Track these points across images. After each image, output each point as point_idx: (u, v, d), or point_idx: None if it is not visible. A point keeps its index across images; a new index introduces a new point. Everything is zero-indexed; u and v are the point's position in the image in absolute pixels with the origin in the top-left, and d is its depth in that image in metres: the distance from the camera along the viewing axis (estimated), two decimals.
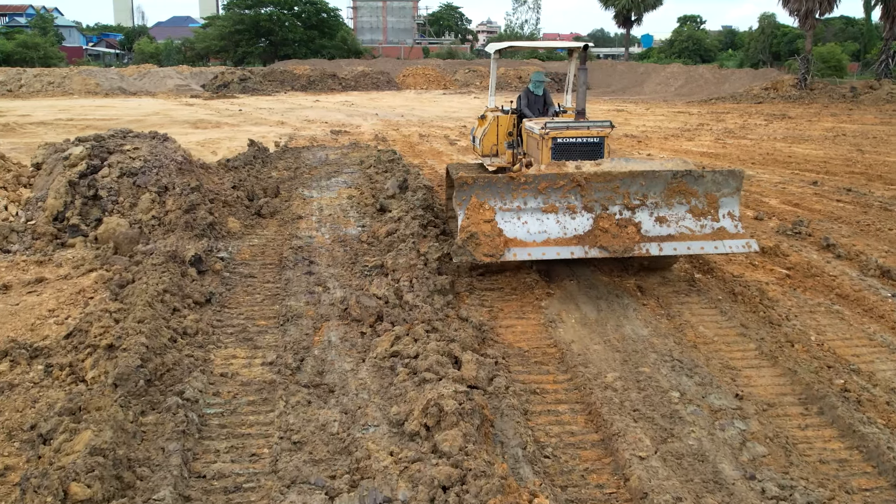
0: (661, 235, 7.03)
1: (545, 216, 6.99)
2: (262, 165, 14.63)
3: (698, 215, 7.14)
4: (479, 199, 6.90)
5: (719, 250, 7.09)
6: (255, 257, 8.33)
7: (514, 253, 6.82)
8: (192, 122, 25.02)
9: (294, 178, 13.21)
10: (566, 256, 6.95)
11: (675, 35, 75.53)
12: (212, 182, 10.18)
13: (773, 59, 67.01)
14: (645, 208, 7.07)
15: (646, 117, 28.09)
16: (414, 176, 12.30)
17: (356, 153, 17.07)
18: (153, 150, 9.74)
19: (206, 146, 18.92)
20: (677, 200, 7.12)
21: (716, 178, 7.14)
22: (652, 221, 7.06)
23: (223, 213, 9.34)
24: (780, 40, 68.93)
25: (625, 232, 6.92)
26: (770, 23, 70.96)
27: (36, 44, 63.18)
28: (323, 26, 72.12)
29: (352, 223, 9.72)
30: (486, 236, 6.81)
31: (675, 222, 7.10)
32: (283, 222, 9.74)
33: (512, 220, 6.95)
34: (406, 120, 27.23)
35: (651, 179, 7.02)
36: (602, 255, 6.92)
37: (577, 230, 6.97)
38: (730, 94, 37.43)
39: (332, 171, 14.17)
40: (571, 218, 7.00)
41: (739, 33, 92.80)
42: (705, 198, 7.17)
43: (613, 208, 7.02)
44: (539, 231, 6.95)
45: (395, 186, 10.36)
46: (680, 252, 7.16)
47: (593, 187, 6.98)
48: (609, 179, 6.97)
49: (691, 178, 7.09)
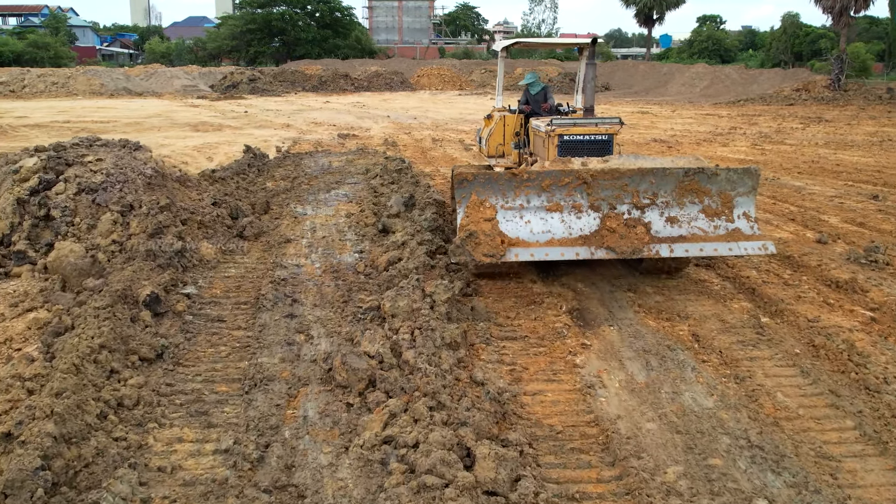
0: (671, 236, 6.72)
1: (549, 215, 6.68)
2: (257, 175, 13.26)
3: (712, 215, 6.84)
4: (479, 197, 6.58)
5: (734, 252, 6.77)
6: (228, 293, 6.93)
7: (515, 253, 6.51)
8: (193, 125, 23.73)
9: (290, 190, 11.83)
10: (571, 257, 6.62)
11: (694, 35, 73.91)
12: (188, 198, 8.80)
13: (796, 60, 65.24)
14: (655, 207, 6.77)
15: (673, 120, 26.52)
16: (423, 189, 10.89)
17: (362, 160, 15.68)
18: (119, 161, 8.38)
19: (203, 151, 17.60)
20: (689, 200, 6.82)
21: (730, 177, 6.80)
22: (662, 221, 6.76)
23: (197, 236, 7.95)
24: (802, 40, 67.26)
25: (633, 232, 6.63)
26: (793, 22, 69.26)
27: (46, 43, 62.48)
28: (337, 25, 70.93)
29: (348, 248, 8.31)
30: (486, 235, 6.47)
31: (687, 223, 6.80)
32: (269, 246, 8.35)
33: (514, 219, 6.64)
34: (419, 122, 25.81)
35: (661, 177, 6.70)
36: (609, 256, 6.60)
37: (582, 230, 6.68)
38: (758, 95, 35.69)
39: (334, 181, 12.78)
40: (577, 217, 6.70)
41: (760, 33, 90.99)
42: (719, 197, 6.85)
43: (621, 207, 6.73)
44: (543, 231, 6.65)
45: (400, 203, 8.94)
46: (692, 254, 6.79)
47: (600, 185, 6.67)
48: (617, 177, 6.65)
49: (704, 177, 6.77)
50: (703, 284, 7.59)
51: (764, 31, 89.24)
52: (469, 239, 6.47)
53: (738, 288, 7.55)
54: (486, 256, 6.46)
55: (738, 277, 7.83)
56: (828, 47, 62.88)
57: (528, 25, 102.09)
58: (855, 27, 74.18)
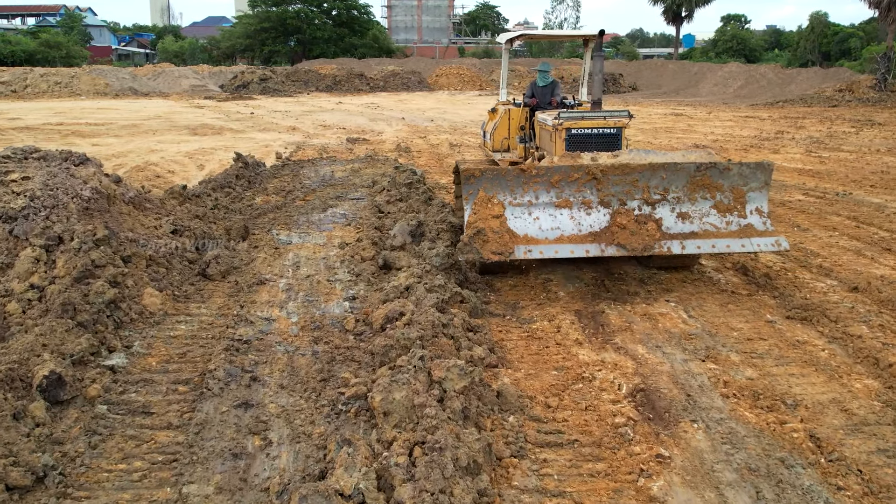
0: (683, 233, 6.61)
1: (558, 211, 6.55)
2: (246, 188, 11.48)
3: (724, 211, 6.73)
4: (486, 193, 6.43)
5: (747, 249, 6.67)
6: (167, 364, 5.12)
7: (524, 251, 6.36)
8: (193, 128, 22.05)
9: (279, 209, 10.03)
10: (581, 255, 6.49)
11: (718, 34, 71.70)
12: (141, 226, 7.02)
13: (823, 59, 62.90)
14: (666, 203, 6.64)
15: (711, 123, 24.46)
16: (436, 209, 9.05)
17: (369, 169, 13.88)
18: (50, 180, 6.62)
19: (195, 158, 15.89)
20: (701, 195, 6.69)
21: (743, 172, 6.69)
22: (674, 217, 6.65)
23: (141, 278, 6.16)
24: (830, 39, 64.98)
25: (644, 229, 6.50)
26: (821, 21, 67.01)
27: (59, 42, 61.35)
28: (354, 24, 69.28)
29: (337, 293, 6.48)
30: (494, 232, 6.35)
31: (699, 218, 6.68)
32: (236, 290, 6.53)
33: (522, 216, 6.51)
34: (436, 125, 23.96)
35: (673, 172, 6.58)
36: (620, 253, 6.46)
37: (592, 227, 6.57)
38: (797, 96, 33.42)
39: (333, 196, 10.98)
40: (587, 213, 6.59)
41: (785, 33, 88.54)
42: (731, 192, 6.72)
43: (632, 203, 6.60)
44: (552, 227, 6.51)
45: (406, 233, 7.11)
46: (704, 251, 6.63)
47: (610, 181, 6.54)
48: (627, 172, 6.52)
49: (716, 171, 6.66)
50: (804, 348, 5.71)
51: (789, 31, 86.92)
52: (477, 236, 6.30)
53: (852, 354, 5.64)
54: (494, 254, 6.27)
55: (847, 337, 5.92)
56: (858, 46, 60.63)
57: (551, 24, 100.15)
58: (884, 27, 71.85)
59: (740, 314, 6.45)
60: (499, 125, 9.56)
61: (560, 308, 6.53)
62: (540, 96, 9.60)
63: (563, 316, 6.33)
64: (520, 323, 6.18)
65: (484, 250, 6.28)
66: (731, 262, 7.93)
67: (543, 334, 5.92)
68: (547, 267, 7.75)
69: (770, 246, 6.71)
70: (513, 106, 9.57)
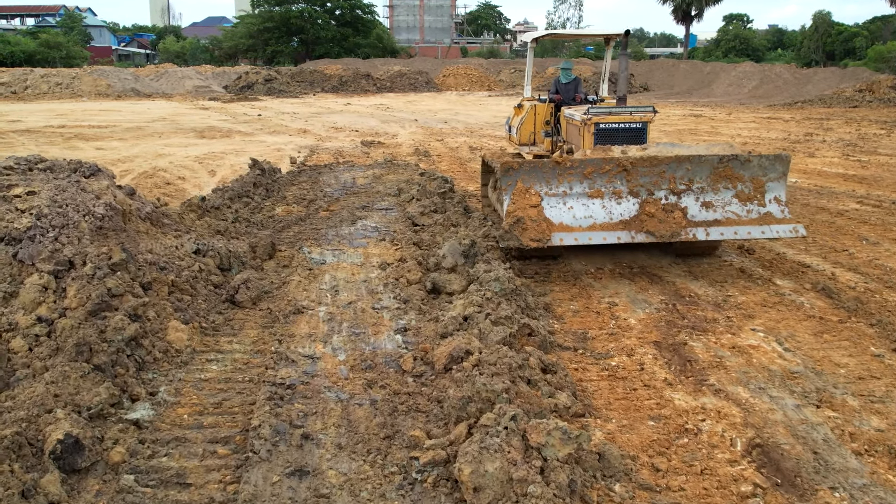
0: (707, 220, 6.95)
1: (591, 201, 6.89)
2: (265, 196, 10.73)
3: (744, 200, 7.06)
4: (524, 184, 6.76)
5: (767, 235, 7.00)
6: (199, 417, 4.35)
7: (560, 238, 6.69)
8: (200, 131, 21.28)
9: (304, 221, 9.28)
10: (613, 241, 6.82)
11: (721, 34, 70.99)
12: (160, 245, 6.26)
13: (828, 59, 62.24)
14: (691, 193, 6.99)
15: (734, 125, 23.69)
16: (477, 223, 8.32)
17: (392, 175, 13.13)
18: (58, 195, 5.86)
19: (206, 163, 15.13)
20: (723, 185, 7.03)
21: (762, 163, 7.02)
22: (698, 206, 6.99)
23: (164, 308, 5.39)
24: (834, 39, 64.40)
25: (671, 217, 6.82)
26: (825, 21, 66.41)
27: (59, 43, 60.63)
28: (357, 24, 68.51)
29: (386, 323, 5.71)
30: (532, 221, 6.64)
31: (722, 207, 7.02)
32: (270, 321, 5.76)
33: (558, 206, 6.83)
34: (450, 127, 23.19)
35: (697, 164, 6.93)
36: (649, 239, 6.81)
37: (622, 215, 6.89)
38: (816, 96, 32.60)
39: (359, 206, 10.23)
40: (617, 203, 6.91)
41: (788, 32, 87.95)
42: (751, 182, 7.06)
43: (659, 193, 6.93)
44: (585, 216, 6.85)
45: (457, 254, 6.34)
46: (727, 237, 6.99)
47: (639, 172, 6.87)
48: (655, 164, 6.87)
49: (737, 163, 6.99)
50: None
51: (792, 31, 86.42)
52: (517, 224, 6.57)
53: None
54: (533, 241, 6.56)
55: None
56: (863, 46, 60.03)
57: (553, 24, 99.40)
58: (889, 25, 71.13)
59: (840, 346, 5.70)
60: (525, 120, 9.85)
61: (635, 339, 5.78)
62: (564, 93, 9.90)
63: (641, 349, 5.58)
64: (595, 358, 5.43)
65: (524, 237, 6.55)
66: (810, 283, 7.18)
67: (626, 373, 5.16)
68: (609, 287, 7.02)
69: (788, 232, 7.02)
70: (538, 102, 9.89)
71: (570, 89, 9.97)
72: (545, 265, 7.73)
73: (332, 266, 6.98)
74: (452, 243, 6.36)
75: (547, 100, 9.90)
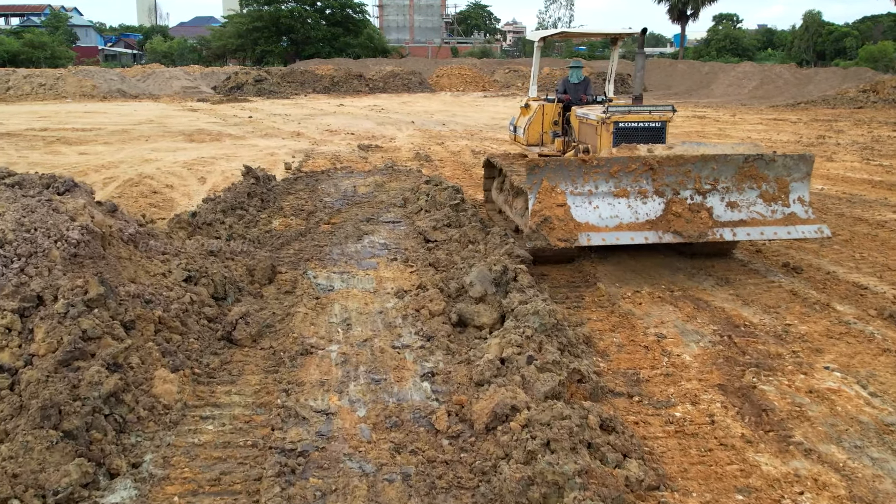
0: (732, 220, 6.86)
1: (616, 200, 6.75)
2: (260, 207, 9.91)
3: (769, 200, 6.96)
4: (550, 183, 6.61)
5: (792, 235, 6.93)
6: (193, 499, 3.53)
7: (587, 237, 6.56)
8: (188, 134, 20.38)
9: (304, 236, 8.47)
10: (640, 241, 6.69)
11: (711, 34, 70.59)
12: (145, 272, 5.44)
13: (818, 59, 61.98)
14: (716, 193, 6.89)
15: (741, 126, 23.00)
16: (498, 240, 7.53)
17: (395, 183, 12.33)
18: (27, 217, 5.04)
19: (195, 169, 14.27)
20: (748, 185, 6.93)
21: (786, 163, 6.93)
22: (723, 206, 6.88)
23: (150, 353, 4.57)
24: (825, 38, 64.22)
25: (698, 217, 6.71)
26: (815, 21, 66.22)
27: (43, 42, 59.46)
28: (348, 23, 67.59)
29: (409, 366, 4.90)
30: (559, 220, 6.50)
31: (746, 207, 6.92)
32: (274, 363, 4.94)
33: (583, 205, 6.69)
34: (449, 130, 22.38)
35: (723, 163, 6.83)
36: (676, 240, 6.69)
37: (648, 215, 6.76)
38: (818, 97, 31.98)
39: (363, 218, 9.43)
40: (643, 202, 6.78)
41: (777, 32, 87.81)
42: (776, 182, 6.97)
43: (684, 193, 6.81)
44: (611, 216, 6.70)
45: (487, 282, 5.54)
46: (753, 238, 6.89)
47: (665, 171, 6.75)
48: (681, 163, 6.76)
49: (763, 163, 6.89)
50: None
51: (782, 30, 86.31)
52: (544, 224, 6.46)
53: None
54: (560, 241, 6.46)
55: None
56: (853, 46, 59.88)
57: (545, 24, 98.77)
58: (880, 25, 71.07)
59: None
60: (533, 120, 9.69)
61: (696, 382, 5.01)
62: (572, 93, 9.76)
63: (706, 395, 4.81)
64: (655, 408, 4.65)
65: (551, 237, 6.42)
66: (873, 308, 6.43)
67: (696, 427, 4.38)
68: (653, 315, 6.26)
69: (813, 233, 6.95)
70: (546, 102, 9.73)
71: (579, 89, 9.84)
72: (576, 291, 6.97)
73: (342, 294, 6.16)
74: (481, 270, 5.56)
75: (555, 100, 9.72)
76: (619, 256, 7.94)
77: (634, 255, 7.98)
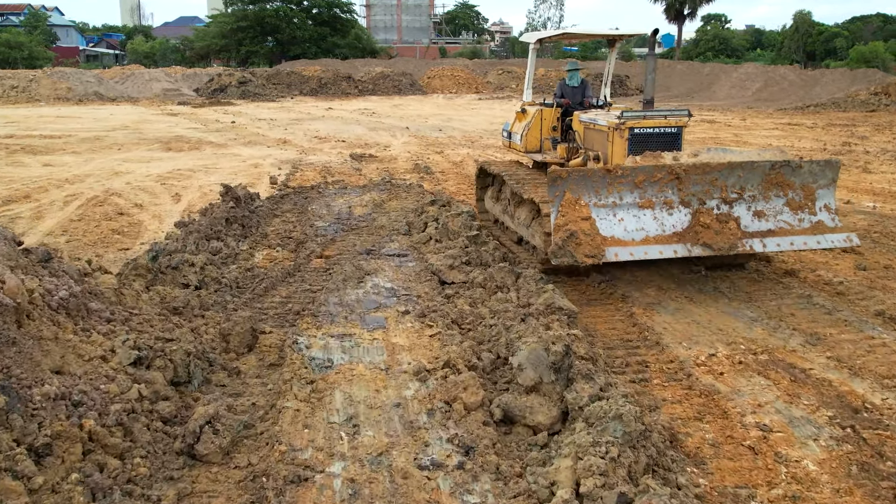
0: (760, 231, 6.59)
1: (641, 212, 6.42)
2: (241, 236, 8.47)
3: (796, 208, 6.71)
4: (573, 195, 6.24)
5: (822, 245, 6.71)
6: None
7: (615, 253, 6.20)
8: (165, 142, 18.82)
9: (293, 276, 7.01)
10: (669, 255, 6.38)
11: (700, 34, 69.69)
12: (76, 357, 3.98)
13: (808, 59, 61.21)
14: (742, 202, 6.59)
15: (755, 132, 21.69)
16: (532, 285, 6.15)
17: (395, 201, 10.90)
18: None
19: (169, 183, 12.78)
20: (774, 193, 6.66)
21: (812, 169, 6.69)
22: (750, 216, 6.60)
23: (69, 499, 3.11)
24: (815, 39, 63.61)
25: (726, 228, 6.44)
26: (805, 21, 65.64)
27: (20, 42, 57.51)
28: (335, 23, 65.98)
29: (444, 501, 3.47)
30: (585, 235, 6.14)
31: (774, 216, 6.65)
32: (253, 498, 3.49)
33: (608, 217, 6.33)
34: (447, 136, 20.93)
35: (749, 171, 6.54)
36: (706, 253, 6.40)
37: (675, 227, 6.46)
38: (827, 99, 30.72)
39: (363, 250, 7.99)
40: (668, 213, 6.48)
41: (766, 32, 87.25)
42: (802, 190, 6.73)
43: (711, 202, 6.52)
44: (636, 228, 6.37)
45: (543, 367, 4.09)
46: (783, 248, 6.62)
47: (691, 180, 6.46)
48: (707, 171, 6.47)
49: (789, 169, 6.65)
50: None
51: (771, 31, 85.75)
52: (570, 240, 6.10)
53: None
54: (587, 257, 6.09)
55: None
56: (844, 46, 59.23)
57: (534, 24, 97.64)
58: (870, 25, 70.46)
59: None
60: (531, 126, 9.20)
61: None
62: (571, 96, 9.33)
63: None
64: None
65: (578, 253, 6.10)
66: None
67: None
68: (743, 392, 4.86)
69: (842, 242, 6.74)
70: (544, 106, 9.23)
71: (577, 92, 9.43)
72: (636, 354, 5.56)
73: (343, 373, 4.69)
74: (534, 350, 4.12)
75: (553, 104, 9.21)
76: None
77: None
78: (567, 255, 6.11)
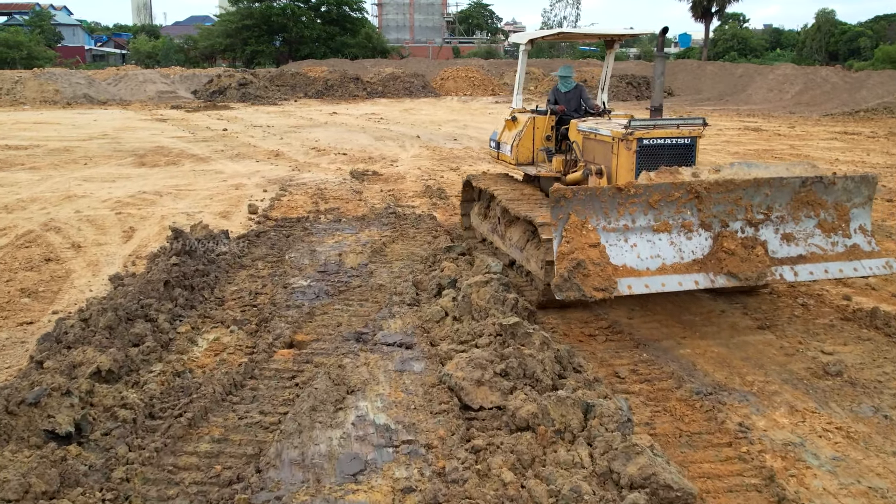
0: (790, 256, 5.83)
1: (656, 237, 5.65)
2: (185, 306, 6.14)
3: (828, 231, 5.98)
4: (579, 218, 5.45)
5: (859, 273, 5.89)
6: None
7: (628, 285, 5.38)
8: (141, 155, 16.51)
9: (238, 390, 4.66)
10: (690, 287, 5.55)
11: (718, 34, 67.28)
12: None
13: (831, 59, 58.92)
14: (770, 224, 5.85)
15: (811, 143, 19.15)
16: (613, 423, 3.80)
17: (399, 243, 8.59)
18: None
19: (126, 213, 10.48)
20: (805, 213, 5.93)
21: (847, 186, 5.97)
22: (778, 240, 5.86)
23: None
24: (837, 38, 61.54)
25: (753, 254, 5.66)
26: (828, 20, 63.63)
27: (19, 42, 55.51)
28: (345, 21, 63.67)
29: None
30: (594, 265, 5.35)
31: (804, 240, 5.91)
32: None
33: (618, 243, 5.55)
34: (463, 147, 18.51)
35: (778, 189, 5.79)
36: (731, 283, 5.59)
37: (695, 253, 5.70)
38: (877, 104, 28.03)
39: (348, 335, 5.62)
40: (687, 238, 5.71)
41: (785, 32, 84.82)
42: (835, 209, 6.00)
43: (734, 225, 5.77)
44: (651, 256, 5.60)
45: None
46: (817, 276, 5.82)
47: (713, 199, 5.69)
48: (731, 189, 5.70)
49: (821, 186, 5.92)
50: None
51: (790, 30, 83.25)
52: (577, 270, 5.28)
53: None
54: (597, 291, 5.28)
55: None
56: (868, 46, 56.83)
57: (550, 23, 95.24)
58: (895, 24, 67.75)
59: None
60: (523, 136, 8.49)
61: None
62: (565, 103, 8.63)
63: None
64: None
65: (586, 286, 5.25)
66: None
67: None
68: None
69: (882, 269, 5.93)
70: (536, 114, 8.50)
71: (571, 98, 8.72)
72: None
73: None
74: None
75: (547, 111, 8.48)
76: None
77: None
78: (574, 289, 5.30)
